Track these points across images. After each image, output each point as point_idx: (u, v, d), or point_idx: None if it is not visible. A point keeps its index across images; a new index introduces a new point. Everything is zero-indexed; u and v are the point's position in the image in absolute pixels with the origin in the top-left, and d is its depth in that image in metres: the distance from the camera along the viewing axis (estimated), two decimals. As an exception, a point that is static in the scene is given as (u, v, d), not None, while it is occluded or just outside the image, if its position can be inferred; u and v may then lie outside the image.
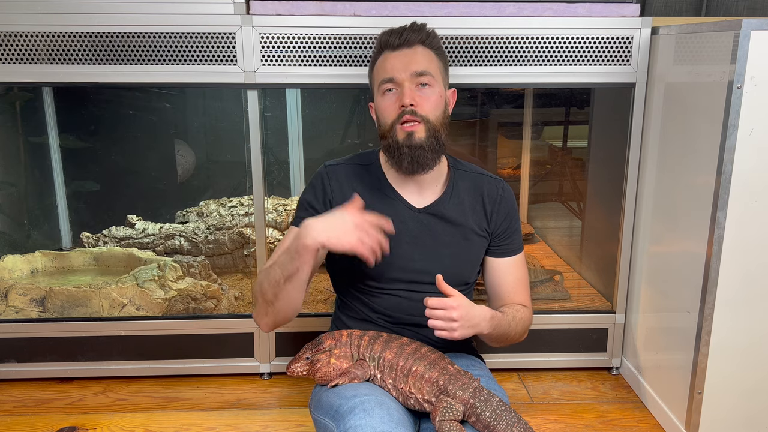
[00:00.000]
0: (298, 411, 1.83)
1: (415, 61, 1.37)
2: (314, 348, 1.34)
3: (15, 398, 1.89)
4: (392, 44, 1.39)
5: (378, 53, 1.43)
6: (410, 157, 1.36)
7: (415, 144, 1.35)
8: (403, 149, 1.36)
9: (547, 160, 2.91)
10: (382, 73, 1.40)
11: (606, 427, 1.78)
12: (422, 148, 1.35)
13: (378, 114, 1.42)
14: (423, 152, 1.36)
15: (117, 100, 2.46)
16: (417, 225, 1.43)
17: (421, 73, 1.36)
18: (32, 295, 2.01)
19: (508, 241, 1.50)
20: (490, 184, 1.49)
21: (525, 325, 1.47)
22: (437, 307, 1.27)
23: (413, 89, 1.36)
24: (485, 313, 1.33)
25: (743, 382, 1.60)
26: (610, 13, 1.79)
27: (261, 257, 1.91)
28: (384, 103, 1.39)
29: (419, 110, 1.35)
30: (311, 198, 1.46)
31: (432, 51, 1.41)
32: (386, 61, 1.39)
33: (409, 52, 1.38)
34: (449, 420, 1.21)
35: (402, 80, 1.36)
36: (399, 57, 1.38)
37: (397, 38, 1.39)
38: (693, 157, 1.61)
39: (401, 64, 1.37)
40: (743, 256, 1.53)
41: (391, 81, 1.37)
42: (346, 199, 1.42)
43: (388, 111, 1.38)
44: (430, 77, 1.37)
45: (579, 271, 2.43)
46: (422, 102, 1.36)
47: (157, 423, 1.78)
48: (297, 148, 2.59)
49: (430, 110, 1.36)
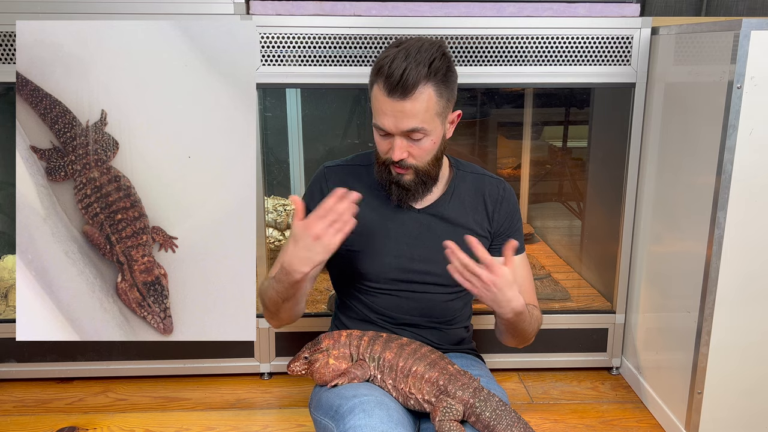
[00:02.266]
0: (298, 411, 1.84)
1: (408, 117, 1.26)
2: (313, 348, 1.35)
3: (15, 398, 1.89)
4: (389, 83, 1.24)
5: (375, 75, 1.29)
6: (398, 194, 1.38)
7: (403, 184, 1.37)
8: (392, 187, 1.38)
9: (547, 160, 2.91)
10: (376, 113, 1.31)
11: (606, 427, 1.78)
12: (409, 190, 1.37)
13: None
14: (410, 192, 1.38)
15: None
16: (417, 225, 1.43)
17: (414, 129, 1.28)
18: (32, 295, 2.01)
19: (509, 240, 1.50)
20: (491, 185, 1.49)
21: (538, 325, 1.47)
22: (485, 263, 1.22)
23: (404, 142, 1.31)
24: (517, 305, 1.27)
25: (743, 382, 1.60)
26: (610, 13, 1.79)
27: (261, 257, 1.91)
28: (378, 138, 1.35)
29: (410, 160, 1.33)
30: (310, 203, 1.45)
31: (433, 88, 1.27)
32: (380, 104, 1.28)
33: (403, 104, 1.25)
34: (449, 420, 1.21)
35: (393, 133, 1.30)
36: (391, 109, 1.26)
37: (396, 78, 1.23)
38: (693, 157, 1.61)
39: (393, 119, 1.27)
40: (743, 256, 1.53)
41: (383, 130, 1.31)
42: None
43: (381, 149, 1.36)
44: (422, 132, 1.30)
45: (579, 271, 2.43)
46: (414, 152, 1.33)
47: (157, 423, 1.78)
48: (297, 148, 2.59)
49: (420, 158, 1.34)
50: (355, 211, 1.25)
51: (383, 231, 1.43)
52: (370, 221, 1.42)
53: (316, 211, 1.24)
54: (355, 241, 1.39)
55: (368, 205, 1.42)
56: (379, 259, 1.42)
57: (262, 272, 1.92)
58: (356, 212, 1.26)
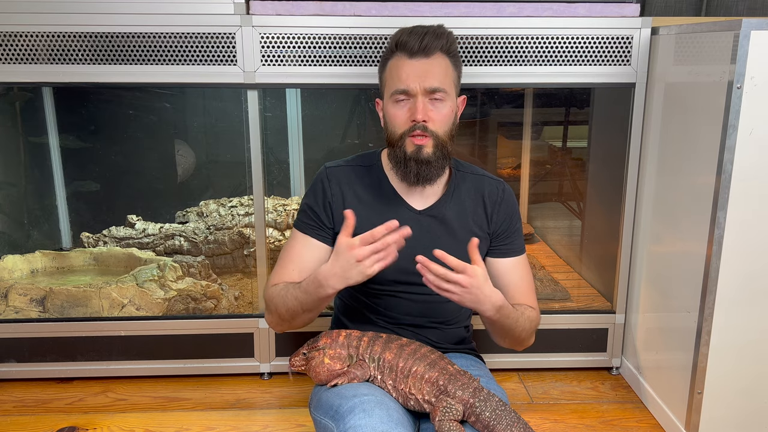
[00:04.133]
0: (298, 411, 1.83)
1: (432, 75, 1.33)
2: (311, 344, 1.35)
3: (15, 398, 1.89)
4: (410, 48, 1.34)
5: (392, 52, 1.38)
6: (416, 170, 1.37)
7: (422, 159, 1.36)
8: (410, 163, 1.37)
9: (547, 160, 2.91)
10: (396, 81, 1.36)
11: (606, 427, 1.78)
12: (429, 163, 1.37)
13: (387, 119, 1.41)
14: (429, 167, 1.37)
15: (117, 100, 2.46)
16: (418, 227, 1.43)
17: (436, 89, 1.33)
18: (32, 295, 2.01)
19: (508, 242, 1.50)
20: (490, 186, 1.49)
21: (533, 326, 1.46)
22: (457, 269, 1.24)
23: (426, 103, 1.34)
24: (496, 299, 1.30)
25: (743, 382, 1.60)
26: (610, 13, 1.79)
27: (261, 257, 1.91)
28: (395, 111, 1.37)
29: (430, 125, 1.34)
30: (312, 202, 1.46)
31: (449, 59, 1.37)
32: (401, 69, 1.35)
33: (426, 62, 1.34)
34: (449, 420, 1.21)
35: (416, 93, 1.33)
36: (415, 67, 1.33)
37: (416, 43, 1.33)
38: (693, 157, 1.61)
39: (416, 77, 1.33)
40: (743, 256, 1.52)
41: (405, 92, 1.34)
42: (346, 201, 1.42)
43: (399, 120, 1.36)
44: (443, 93, 1.34)
45: (579, 271, 2.43)
46: (434, 117, 1.35)
47: (157, 423, 1.78)
48: (297, 148, 2.59)
49: (440, 125, 1.36)
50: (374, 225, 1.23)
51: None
52: (371, 222, 1.42)
53: (364, 234, 1.23)
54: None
55: (369, 205, 1.42)
56: None
57: (262, 272, 1.92)
58: (357, 212, 1.26)
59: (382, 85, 1.42)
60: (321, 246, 1.43)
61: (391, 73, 1.37)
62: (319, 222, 1.44)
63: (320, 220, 1.44)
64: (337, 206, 1.42)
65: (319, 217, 1.44)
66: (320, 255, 1.42)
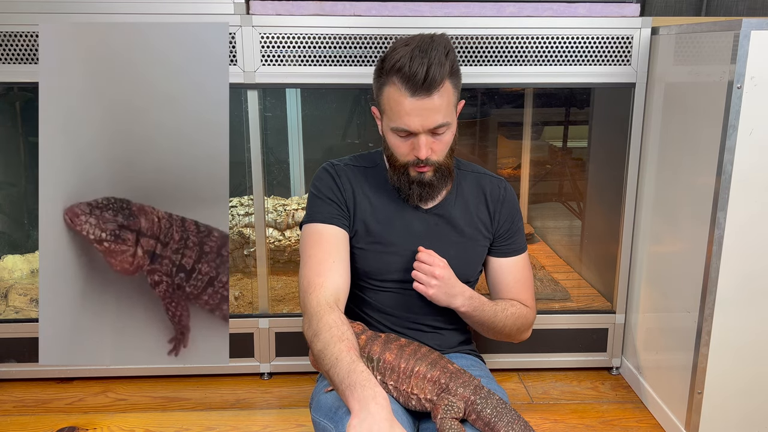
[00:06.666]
0: (298, 411, 1.83)
1: (435, 112, 1.26)
2: None
3: (15, 398, 1.90)
4: (413, 83, 1.23)
5: (389, 74, 1.27)
6: (419, 192, 1.37)
7: (425, 182, 1.35)
8: (413, 186, 1.36)
9: (547, 160, 2.91)
10: (396, 117, 1.28)
11: (606, 427, 1.78)
12: (432, 185, 1.37)
13: (387, 142, 1.36)
14: (432, 188, 1.37)
15: (117, 100, 2.46)
16: (423, 226, 1.43)
17: (440, 125, 1.28)
18: (32, 295, 2.01)
19: (510, 241, 1.49)
20: (492, 184, 1.49)
21: (522, 322, 1.46)
22: (426, 261, 1.34)
23: (429, 140, 1.30)
24: (465, 290, 1.37)
25: (743, 382, 1.60)
26: (610, 13, 1.79)
27: (261, 257, 1.91)
28: (396, 141, 1.33)
29: (433, 157, 1.32)
30: (328, 193, 1.41)
31: (450, 81, 1.28)
32: (401, 105, 1.26)
33: (428, 102, 1.25)
34: (450, 418, 1.21)
35: (418, 132, 1.29)
36: (417, 108, 1.25)
37: (420, 77, 1.22)
38: (693, 157, 1.61)
39: (419, 119, 1.26)
40: (743, 257, 1.52)
41: (406, 131, 1.30)
42: (355, 201, 1.41)
43: (400, 151, 1.33)
44: (446, 126, 1.30)
45: (579, 271, 2.43)
46: (437, 149, 1.32)
47: (157, 423, 1.78)
48: (297, 148, 2.59)
49: (441, 152, 1.34)
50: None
51: (389, 230, 1.42)
52: (376, 220, 1.42)
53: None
54: (360, 239, 1.40)
55: (375, 204, 1.42)
56: (385, 258, 1.42)
57: (263, 272, 1.92)
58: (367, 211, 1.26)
59: (379, 105, 1.35)
60: (347, 235, 1.40)
61: (389, 104, 1.29)
62: (341, 210, 1.40)
63: (341, 209, 1.40)
64: (350, 201, 1.42)
65: (339, 207, 1.40)
66: (347, 243, 1.40)
